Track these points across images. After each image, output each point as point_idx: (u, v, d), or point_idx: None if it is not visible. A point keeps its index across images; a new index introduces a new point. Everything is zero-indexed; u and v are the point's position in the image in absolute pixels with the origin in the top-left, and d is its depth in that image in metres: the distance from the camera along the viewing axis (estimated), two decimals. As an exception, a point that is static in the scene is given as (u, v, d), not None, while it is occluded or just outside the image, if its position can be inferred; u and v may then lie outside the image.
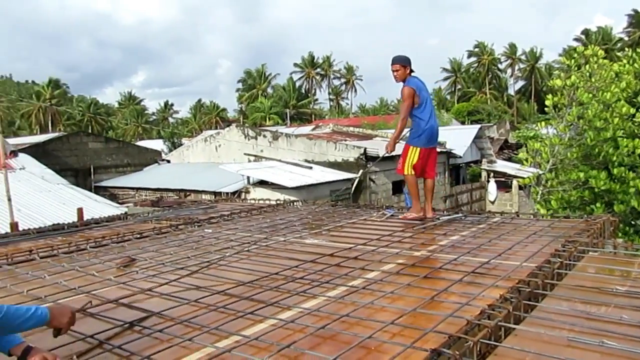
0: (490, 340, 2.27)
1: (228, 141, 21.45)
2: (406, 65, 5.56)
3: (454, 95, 69.29)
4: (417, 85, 5.52)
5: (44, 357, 2.15)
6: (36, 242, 5.52)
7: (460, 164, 26.38)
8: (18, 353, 2.17)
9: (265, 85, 70.08)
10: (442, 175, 22.57)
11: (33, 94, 67.36)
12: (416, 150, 5.54)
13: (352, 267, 3.79)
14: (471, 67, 69.71)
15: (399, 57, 5.61)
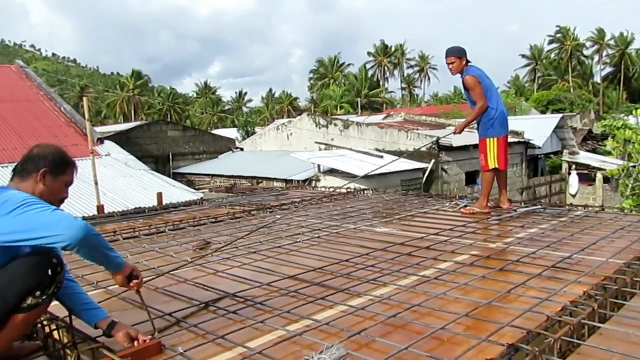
0: (573, 338, 2.15)
1: (299, 129, 21.69)
2: (461, 56, 5.34)
3: (534, 84, 66.07)
4: (477, 73, 5.29)
5: (127, 332, 2.27)
6: (120, 224, 5.84)
7: (539, 155, 25.18)
8: (103, 327, 2.30)
9: (337, 74, 70.06)
10: (519, 167, 21.65)
11: (118, 85, 71.31)
12: (494, 140, 5.29)
13: (423, 256, 3.72)
14: (552, 54, 66.09)
15: (453, 49, 5.40)
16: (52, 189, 2.18)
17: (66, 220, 1.88)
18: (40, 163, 2.16)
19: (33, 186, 2.13)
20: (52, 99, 16.78)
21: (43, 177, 2.15)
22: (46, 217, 1.88)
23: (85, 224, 1.90)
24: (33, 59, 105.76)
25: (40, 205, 1.92)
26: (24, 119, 14.96)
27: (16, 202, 1.90)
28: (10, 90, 16.70)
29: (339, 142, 19.90)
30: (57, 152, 2.26)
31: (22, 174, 2.15)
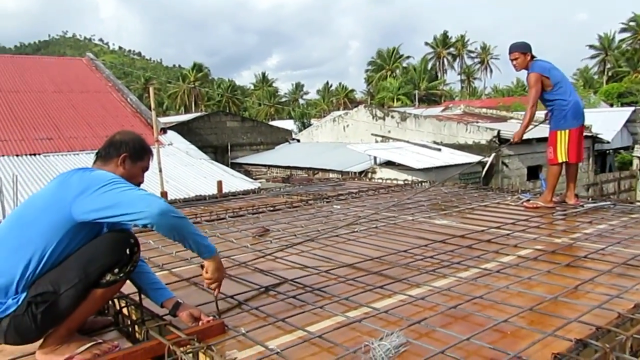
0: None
1: (356, 121, 21.63)
2: (525, 52, 5.14)
3: (603, 76, 62.72)
4: (542, 67, 5.07)
5: (191, 313, 2.36)
6: (182, 210, 6.05)
7: (608, 150, 23.97)
8: (169, 306, 2.40)
9: (395, 66, 69.20)
10: (586, 162, 20.71)
11: (180, 77, 73.54)
12: (566, 133, 5.06)
13: (484, 249, 3.64)
14: (624, 44, 62.42)
15: (516, 45, 5.21)
16: (131, 173, 2.29)
17: (148, 199, 1.97)
18: (122, 148, 2.27)
19: (114, 169, 2.24)
20: (119, 90, 17.53)
21: (123, 161, 2.27)
22: (130, 196, 1.97)
23: (166, 204, 1.99)
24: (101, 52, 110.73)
25: (125, 185, 2.03)
26: (93, 109, 15.71)
27: (104, 181, 2.01)
28: (81, 82, 17.57)
29: (395, 134, 19.71)
30: (137, 139, 2.38)
31: (105, 158, 2.28)
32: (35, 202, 2.11)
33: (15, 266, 1.97)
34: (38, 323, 1.97)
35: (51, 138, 13.49)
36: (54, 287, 1.96)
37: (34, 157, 12.28)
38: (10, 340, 2.03)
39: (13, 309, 1.95)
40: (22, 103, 15.07)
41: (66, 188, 2.05)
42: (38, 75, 17.13)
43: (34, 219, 2.02)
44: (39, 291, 1.96)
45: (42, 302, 1.95)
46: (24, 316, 1.95)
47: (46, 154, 12.56)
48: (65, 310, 2.00)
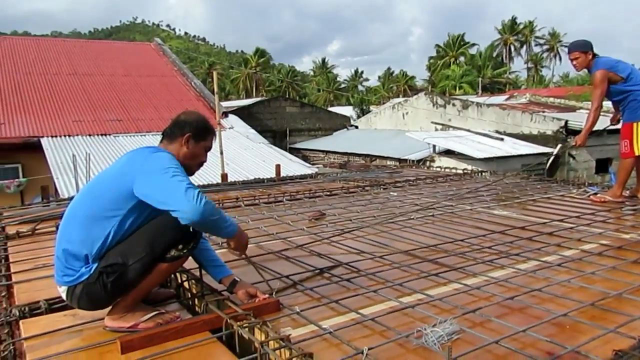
0: None
1: (415, 109, 21.29)
2: (586, 50, 4.85)
3: (685, 63, 58.45)
4: (607, 63, 4.78)
5: (247, 291, 2.44)
6: (241, 192, 6.21)
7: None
8: (227, 283, 2.50)
9: (459, 52, 67.29)
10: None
11: (242, 63, 74.77)
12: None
13: (545, 242, 3.53)
14: None
15: (576, 44, 4.94)
16: (194, 152, 2.36)
17: (192, 203, 2.01)
18: (186, 128, 2.34)
19: (178, 148, 2.32)
20: (184, 75, 18.07)
21: (187, 141, 2.33)
22: (178, 192, 2.03)
23: (206, 210, 2.03)
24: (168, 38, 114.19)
25: (179, 177, 2.08)
26: (159, 93, 16.30)
27: (162, 167, 2.10)
28: (149, 66, 18.25)
29: (456, 122, 19.25)
30: (201, 119, 2.42)
31: (170, 137, 2.35)
32: (105, 177, 2.24)
33: (87, 238, 2.11)
34: (108, 291, 2.11)
35: (120, 119, 14.15)
36: (123, 259, 2.09)
37: (104, 137, 12.93)
38: (83, 306, 2.19)
39: (86, 277, 2.10)
40: (95, 86, 15.86)
41: (132, 164, 2.17)
42: (109, 60, 17.94)
43: (103, 192, 2.15)
44: (109, 262, 2.10)
45: (112, 273, 2.09)
46: (96, 284, 2.10)
47: (115, 135, 13.19)
48: (132, 281, 2.13)
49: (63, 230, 2.20)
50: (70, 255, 2.12)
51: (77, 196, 2.29)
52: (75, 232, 2.14)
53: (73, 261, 2.12)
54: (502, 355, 1.91)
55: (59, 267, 2.16)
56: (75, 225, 2.15)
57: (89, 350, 2.06)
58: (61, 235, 2.20)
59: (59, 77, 15.91)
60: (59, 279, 2.17)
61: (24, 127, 12.73)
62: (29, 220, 4.53)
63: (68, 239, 2.15)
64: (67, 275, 2.13)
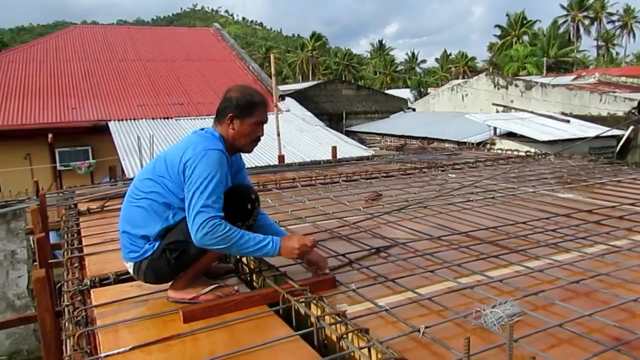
0: None
1: (476, 90, 20.65)
2: None
3: None
4: None
5: (309, 260, 2.45)
6: (298, 173, 6.26)
7: None
8: None
9: (522, 31, 64.43)
10: None
11: (298, 47, 74.96)
12: None
13: (615, 226, 3.35)
14: None
15: None
16: (241, 131, 2.29)
17: (194, 228, 2.06)
18: (228, 108, 2.27)
19: (226, 130, 2.30)
20: (242, 59, 18.33)
21: (231, 121, 2.27)
22: (192, 211, 2.07)
23: (203, 241, 2.06)
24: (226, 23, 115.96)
25: (203, 197, 2.07)
26: (218, 77, 16.61)
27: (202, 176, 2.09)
28: (208, 51, 18.62)
29: (519, 104, 18.52)
30: (242, 95, 2.30)
31: (219, 117, 2.31)
32: (166, 162, 2.24)
33: (149, 220, 2.20)
34: (172, 266, 2.20)
35: (182, 103, 14.56)
36: (185, 236, 2.15)
37: (167, 121, 13.35)
38: (149, 280, 2.30)
39: (150, 254, 2.20)
40: (158, 71, 16.37)
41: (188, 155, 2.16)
42: (171, 45, 18.43)
43: (164, 178, 2.20)
44: (172, 239, 2.18)
45: (175, 249, 2.17)
46: (160, 260, 2.19)
47: (177, 118, 13.59)
48: (194, 256, 2.20)
49: (126, 211, 2.28)
50: (134, 234, 2.22)
51: (139, 177, 2.34)
52: (137, 214, 2.22)
53: (137, 239, 2.22)
54: (566, 339, 1.84)
55: (125, 244, 2.26)
56: (136, 207, 2.23)
57: (154, 318, 2.15)
58: (124, 215, 2.28)
59: (124, 63, 16.53)
60: (125, 255, 2.27)
61: (94, 112, 13.35)
62: (98, 198, 4.77)
63: (130, 220, 2.24)
64: (132, 252, 2.23)
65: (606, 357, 1.68)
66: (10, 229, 8.09)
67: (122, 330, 2.06)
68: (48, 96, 13.81)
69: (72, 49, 16.67)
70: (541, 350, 1.72)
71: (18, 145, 12.24)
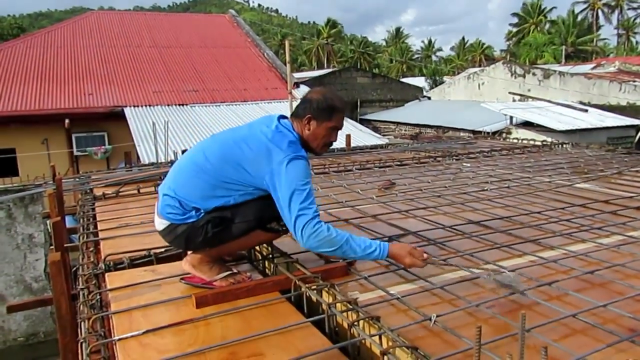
0: None
1: (492, 79, 20.41)
2: None
3: None
4: None
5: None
6: (312, 161, 6.24)
7: None
8: None
9: (540, 19, 63.35)
10: None
11: (314, 34, 74.59)
12: None
13: (632, 217, 3.31)
14: None
15: None
16: (316, 133, 2.31)
17: (298, 232, 2.10)
18: (307, 109, 2.30)
19: (302, 129, 2.32)
20: (257, 46, 18.30)
21: (308, 122, 2.30)
22: (291, 217, 2.10)
23: (308, 243, 2.11)
24: (242, 10, 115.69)
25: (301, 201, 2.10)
26: (233, 63, 16.63)
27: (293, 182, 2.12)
28: (223, 38, 18.63)
29: (536, 93, 18.28)
30: (323, 98, 2.32)
31: (297, 116, 2.33)
32: (242, 150, 2.21)
33: (208, 197, 2.19)
34: (207, 238, 2.20)
35: (197, 90, 14.61)
36: (232, 215, 2.19)
37: (182, 107, 13.43)
38: (177, 243, 2.31)
39: (193, 220, 2.20)
40: (173, 57, 16.43)
41: (270, 159, 2.15)
42: (187, 32, 18.48)
43: (237, 165, 2.18)
44: (219, 215, 2.19)
45: (219, 224, 2.19)
46: (200, 229, 2.19)
47: (192, 105, 13.66)
48: (231, 237, 2.24)
49: (186, 177, 2.24)
50: (187, 202, 2.19)
51: (212, 148, 2.28)
52: (200, 187, 2.19)
53: (187, 206, 2.20)
54: (580, 330, 1.83)
55: (168, 203, 2.21)
56: (199, 181, 2.20)
57: (167, 303, 2.18)
58: (183, 180, 2.24)
59: (140, 49, 16.61)
60: (163, 213, 2.23)
61: (110, 98, 13.47)
62: (114, 184, 4.82)
63: (189, 188, 2.21)
64: (174, 213, 2.20)
65: (620, 347, 1.66)
66: (28, 212, 8.23)
67: (135, 314, 2.09)
68: (65, 82, 13.96)
69: (89, 35, 16.79)
70: (554, 340, 1.71)
71: (36, 130, 12.42)
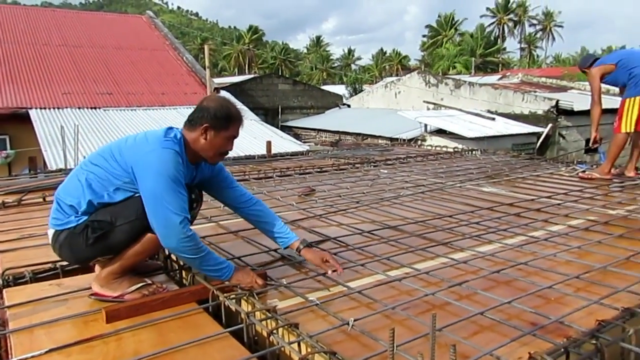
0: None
1: (408, 88, 21.20)
2: (586, 65, 5.12)
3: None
4: (601, 61, 5.06)
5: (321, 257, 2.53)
6: (231, 168, 6.16)
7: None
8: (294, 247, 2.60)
9: (452, 32, 66.76)
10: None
11: (235, 39, 73.86)
12: (634, 101, 4.75)
13: (533, 218, 3.55)
14: None
15: (579, 63, 5.38)
16: (213, 143, 2.23)
17: (166, 231, 2.03)
18: (204, 118, 2.19)
19: (197, 138, 2.21)
20: (176, 49, 17.82)
21: (205, 131, 2.20)
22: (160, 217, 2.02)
23: (181, 245, 2.05)
24: (160, 12, 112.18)
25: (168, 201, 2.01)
26: (151, 66, 16.08)
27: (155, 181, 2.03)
28: (140, 39, 17.96)
29: (448, 102, 19.20)
30: (221, 107, 2.23)
31: (192, 123, 2.23)
32: (121, 147, 2.15)
33: (86, 190, 2.10)
34: (89, 246, 2.09)
35: (111, 93, 13.97)
36: (112, 218, 2.07)
37: (94, 111, 12.78)
38: (64, 254, 2.20)
39: (72, 225, 2.09)
40: (85, 58, 15.61)
41: (139, 146, 2.11)
42: (100, 31, 17.63)
43: (107, 156, 2.13)
44: (98, 218, 2.08)
45: (98, 229, 2.07)
46: (80, 235, 2.08)
47: (106, 108, 13.04)
48: (117, 243, 2.11)
49: (66, 180, 2.22)
50: (64, 202, 2.13)
51: (92, 155, 2.25)
52: (75, 184, 2.13)
53: (65, 207, 2.12)
54: (488, 326, 1.92)
55: (53, 210, 2.18)
56: (76, 178, 2.15)
57: (74, 319, 2.05)
58: (63, 183, 2.21)
59: (48, 47, 15.63)
60: (50, 220, 2.18)
61: (12, 98, 12.53)
62: (16, 191, 4.48)
63: (66, 187, 2.17)
64: (56, 218, 2.14)
65: (523, 341, 1.77)
66: None
67: (37, 332, 1.95)
68: (-40, 81, 12.84)
69: (-11, 32, 15.56)
70: (464, 337, 1.79)
71: None
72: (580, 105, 15.59)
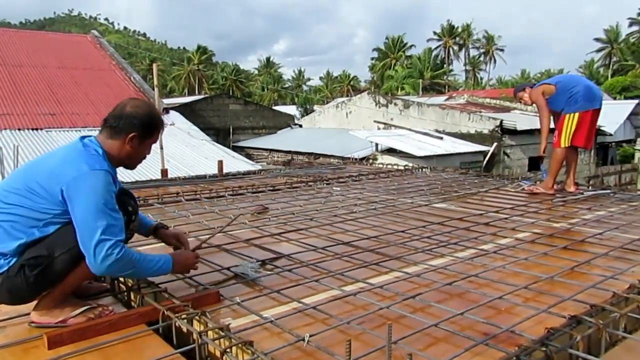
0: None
1: (359, 108, 21.54)
2: (524, 88, 5.51)
3: (608, 69, 62.21)
4: (540, 83, 5.40)
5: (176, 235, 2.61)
6: (182, 187, 6.03)
7: (610, 143, 23.85)
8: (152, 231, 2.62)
9: (400, 55, 68.65)
10: (587, 154, 20.63)
11: (184, 60, 73.14)
12: (574, 116, 4.99)
13: (482, 232, 3.64)
14: (632, 37, 61.74)
15: (516, 89, 5.71)
16: (138, 151, 2.19)
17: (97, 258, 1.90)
18: (132, 127, 2.12)
19: (120, 147, 2.13)
20: (123, 69, 17.46)
21: (131, 140, 2.13)
22: (91, 242, 1.90)
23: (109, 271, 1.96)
24: (106, 32, 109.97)
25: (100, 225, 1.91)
26: (97, 87, 15.66)
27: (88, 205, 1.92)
28: (85, 59, 17.49)
29: (398, 122, 19.63)
30: (148, 114, 2.19)
31: (114, 131, 2.13)
32: (40, 171, 2.02)
33: (11, 234, 1.95)
34: (31, 284, 1.95)
35: (54, 114, 13.48)
36: (49, 251, 1.94)
37: (36, 132, 12.29)
38: (3, 299, 2.03)
39: (5, 269, 1.94)
40: (26, 77, 15.04)
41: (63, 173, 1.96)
42: (42, 51, 17.05)
43: (36, 189, 1.96)
44: (32, 255, 1.94)
45: (36, 265, 1.93)
46: (17, 277, 1.93)
47: (48, 129, 12.56)
48: (59, 273, 1.99)
49: None
50: None
51: (3, 187, 2.06)
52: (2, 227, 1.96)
53: None
54: (442, 338, 1.94)
55: None
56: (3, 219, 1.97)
57: (12, 347, 1.93)
58: None
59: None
60: None
61: (-56, 120, 11.89)
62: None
63: None
64: None
65: (476, 351, 1.79)
66: None
67: (-28, 362, 1.82)
68: None
69: None
70: (419, 349, 1.79)
71: None
72: (522, 124, 16.30)
